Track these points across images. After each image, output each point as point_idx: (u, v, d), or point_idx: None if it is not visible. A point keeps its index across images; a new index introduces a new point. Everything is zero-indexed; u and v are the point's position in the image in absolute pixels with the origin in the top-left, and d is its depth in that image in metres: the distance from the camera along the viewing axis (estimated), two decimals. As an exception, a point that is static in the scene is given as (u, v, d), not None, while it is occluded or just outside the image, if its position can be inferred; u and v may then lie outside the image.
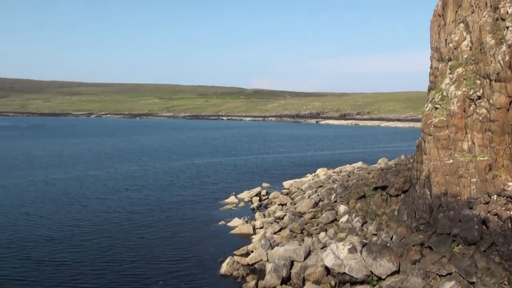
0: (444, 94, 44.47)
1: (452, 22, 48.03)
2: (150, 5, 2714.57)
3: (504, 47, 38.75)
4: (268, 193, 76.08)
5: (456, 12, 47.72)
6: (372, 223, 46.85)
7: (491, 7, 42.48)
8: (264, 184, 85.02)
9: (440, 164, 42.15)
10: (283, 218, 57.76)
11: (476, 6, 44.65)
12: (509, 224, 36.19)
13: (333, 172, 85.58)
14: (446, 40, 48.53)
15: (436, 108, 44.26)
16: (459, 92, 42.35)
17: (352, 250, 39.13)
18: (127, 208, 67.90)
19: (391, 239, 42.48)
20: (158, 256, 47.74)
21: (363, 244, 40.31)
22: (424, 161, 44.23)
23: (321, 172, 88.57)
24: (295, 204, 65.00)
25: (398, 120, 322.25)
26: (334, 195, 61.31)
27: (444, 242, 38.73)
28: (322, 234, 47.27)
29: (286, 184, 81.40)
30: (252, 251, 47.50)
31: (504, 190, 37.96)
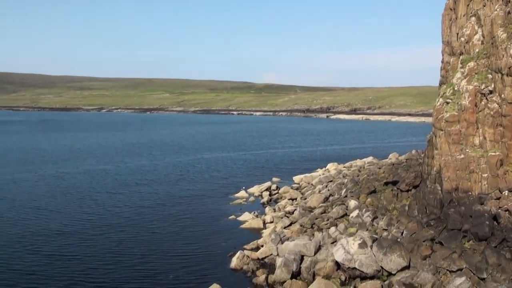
0: (456, 88, 44.13)
1: (463, 15, 47.61)
2: (161, 0, 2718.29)
3: (516, 41, 38.40)
4: (278, 188, 76.07)
5: (468, 5, 47.28)
6: (383, 218, 46.70)
7: (502, 0, 42.08)
8: (274, 179, 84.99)
9: (451, 159, 41.89)
10: (293, 213, 57.73)
11: (487, 0, 44.25)
12: (521, 220, 35.96)
13: (344, 167, 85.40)
14: (457, 34, 48.11)
15: (448, 103, 43.92)
16: (471, 87, 42.03)
17: (363, 245, 39.01)
18: (138, 202, 68.13)
19: (402, 234, 42.33)
20: (169, 250, 47.89)
21: (373, 239, 40.19)
22: (435, 156, 43.97)
23: (331, 167, 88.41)
24: (305, 198, 64.96)
25: (409, 114, 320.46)
26: (344, 190, 61.19)
27: (455, 238, 38.53)
28: (333, 229, 47.19)
29: (296, 178, 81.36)
30: (262, 246, 47.52)
31: (515, 185, 37.72)
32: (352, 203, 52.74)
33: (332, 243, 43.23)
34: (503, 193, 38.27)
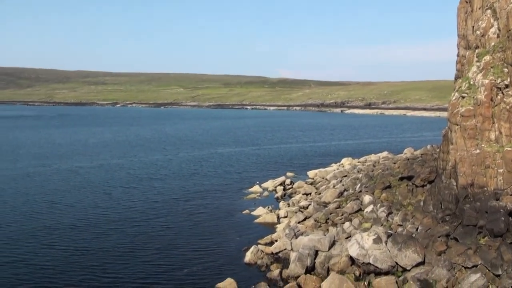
0: (471, 82, 43.66)
1: (479, 8, 47.02)
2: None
3: (533, 35, 37.92)
4: (292, 183, 75.96)
5: (484, -2, 46.75)
6: (398, 214, 46.47)
7: (520, -7, 41.53)
8: (289, 174, 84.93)
9: (466, 154, 41.50)
10: (307, 208, 57.65)
11: (504, -7, 43.67)
12: (537, 216, 35.58)
13: (358, 162, 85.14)
14: (473, 27, 47.56)
15: (463, 97, 43.47)
16: (486, 81, 41.56)
17: (377, 240, 38.84)
18: (151, 197, 68.35)
19: (417, 230, 42.06)
20: (183, 245, 48.00)
21: (388, 234, 40.01)
22: (451, 151, 43.60)
23: (346, 161, 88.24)
24: (319, 193, 64.85)
25: (424, 109, 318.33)
26: (359, 185, 60.97)
27: (470, 234, 38.20)
28: (347, 224, 47.07)
29: (310, 173, 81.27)
30: (276, 240, 47.52)
31: (532, 180, 37.31)
32: (367, 198, 52.55)
33: (347, 238, 43.11)
34: (520, 188, 37.87)
